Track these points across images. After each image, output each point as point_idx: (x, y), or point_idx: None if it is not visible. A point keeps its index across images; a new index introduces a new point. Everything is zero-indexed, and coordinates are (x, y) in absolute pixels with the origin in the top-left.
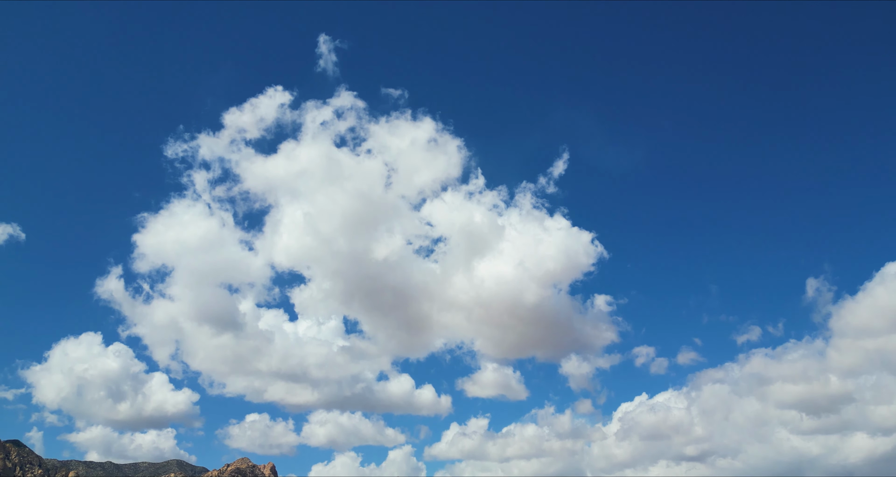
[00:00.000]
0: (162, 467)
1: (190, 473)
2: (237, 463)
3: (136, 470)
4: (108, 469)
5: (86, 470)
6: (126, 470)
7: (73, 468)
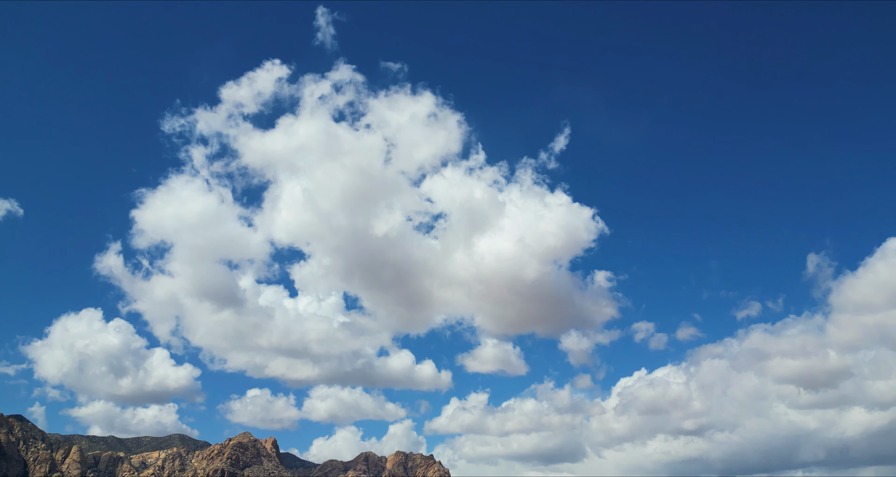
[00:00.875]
0: (164, 442)
1: (192, 447)
2: (239, 437)
3: (139, 444)
4: (110, 443)
5: (88, 444)
6: (129, 444)
7: (75, 443)
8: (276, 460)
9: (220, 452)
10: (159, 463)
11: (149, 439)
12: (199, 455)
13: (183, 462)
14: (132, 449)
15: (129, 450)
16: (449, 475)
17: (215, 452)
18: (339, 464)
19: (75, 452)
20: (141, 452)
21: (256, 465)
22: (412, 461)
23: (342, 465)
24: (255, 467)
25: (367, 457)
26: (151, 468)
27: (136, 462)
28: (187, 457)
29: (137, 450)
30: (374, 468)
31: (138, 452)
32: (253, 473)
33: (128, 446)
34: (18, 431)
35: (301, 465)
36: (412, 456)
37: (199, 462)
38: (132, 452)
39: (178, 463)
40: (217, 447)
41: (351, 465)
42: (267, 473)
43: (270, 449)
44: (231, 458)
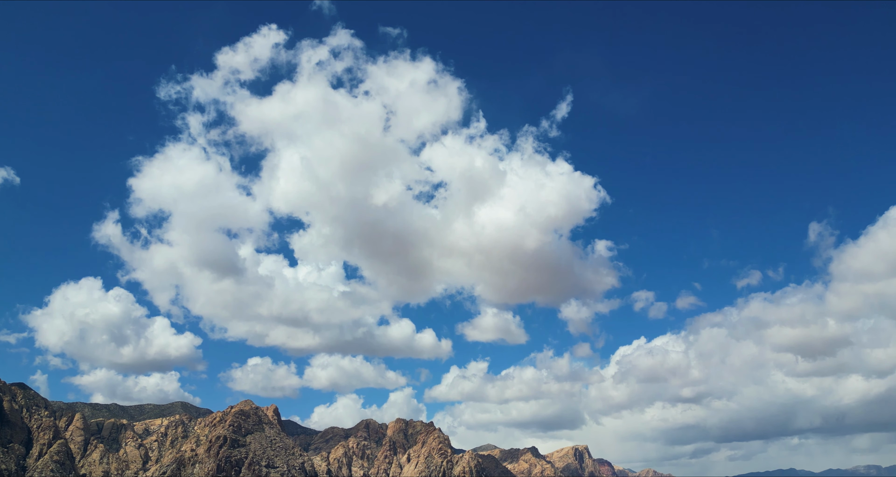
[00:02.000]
0: (167, 409)
1: (194, 414)
2: (241, 405)
3: (142, 412)
4: (113, 411)
5: (91, 412)
6: (131, 412)
7: (78, 410)
8: (278, 428)
9: (222, 420)
10: (162, 430)
11: (151, 407)
12: (202, 422)
13: (185, 429)
14: (135, 416)
15: (132, 417)
16: (449, 442)
17: (217, 420)
18: (340, 431)
19: (78, 419)
20: (144, 420)
21: (258, 432)
22: (412, 428)
23: (343, 432)
24: (257, 435)
25: (367, 424)
26: (154, 435)
27: (140, 429)
28: (190, 424)
29: (140, 417)
30: (375, 435)
31: (141, 419)
32: (255, 440)
33: (130, 414)
34: (21, 399)
35: (303, 432)
36: (412, 423)
37: (201, 429)
38: (135, 420)
39: (180, 430)
40: (219, 415)
41: (352, 432)
42: (269, 440)
43: (272, 416)
44: (233, 425)
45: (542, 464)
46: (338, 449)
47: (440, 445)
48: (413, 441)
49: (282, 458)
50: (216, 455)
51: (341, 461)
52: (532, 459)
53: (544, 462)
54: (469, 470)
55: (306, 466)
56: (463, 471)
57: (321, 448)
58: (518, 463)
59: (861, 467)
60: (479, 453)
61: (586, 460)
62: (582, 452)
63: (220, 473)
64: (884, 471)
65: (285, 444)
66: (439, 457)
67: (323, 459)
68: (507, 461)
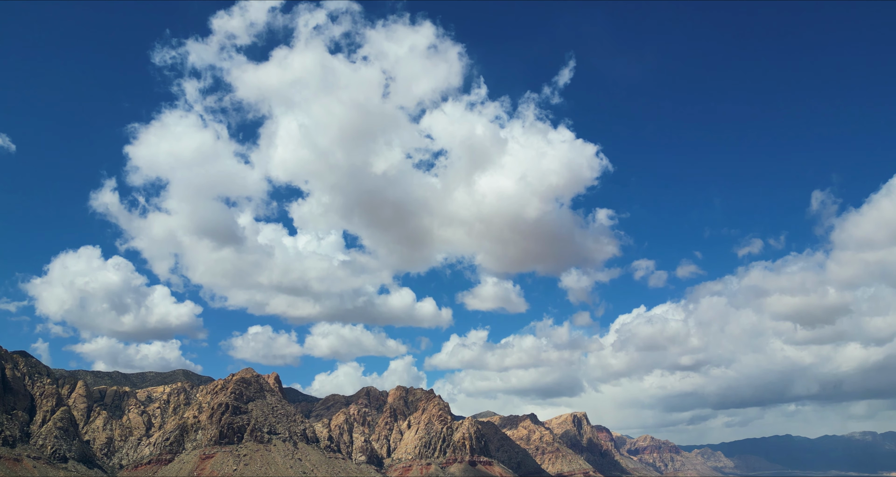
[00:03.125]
0: (169, 377)
1: (196, 382)
2: (242, 373)
3: (144, 379)
4: (115, 378)
5: (94, 379)
6: (133, 379)
7: (80, 378)
8: (279, 395)
9: (223, 387)
10: (164, 397)
11: (153, 374)
12: (204, 390)
13: (188, 396)
14: (137, 384)
15: (134, 385)
16: (449, 409)
17: (219, 387)
18: (341, 398)
19: (81, 386)
20: (146, 387)
21: (260, 399)
22: (413, 395)
23: (344, 399)
24: (259, 402)
25: (368, 391)
26: (157, 402)
27: (142, 396)
28: (192, 392)
29: (142, 385)
30: (376, 402)
31: (143, 386)
32: (257, 407)
33: (132, 381)
34: (23, 367)
35: (304, 399)
36: (413, 390)
37: (203, 396)
38: (137, 387)
39: (182, 397)
40: (221, 382)
41: (353, 399)
42: (270, 407)
43: (273, 384)
44: (235, 392)
45: (541, 430)
46: (339, 416)
47: (440, 412)
48: (413, 408)
49: (283, 424)
50: (218, 422)
51: (342, 428)
52: (531, 426)
53: (543, 428)
54: (469, 436)
55: (308, 432)
56: (462, 437)
57: (322, 415)
58: (517, 429)
59: (857, 434)
60: (478, 420)
61: (585, 427)
62: (580, 419)
63: (223, 439)
64: (879, 437)
65: (287, 411)
66: (439, 423)
67: (324, 425)
68: (507, 428)
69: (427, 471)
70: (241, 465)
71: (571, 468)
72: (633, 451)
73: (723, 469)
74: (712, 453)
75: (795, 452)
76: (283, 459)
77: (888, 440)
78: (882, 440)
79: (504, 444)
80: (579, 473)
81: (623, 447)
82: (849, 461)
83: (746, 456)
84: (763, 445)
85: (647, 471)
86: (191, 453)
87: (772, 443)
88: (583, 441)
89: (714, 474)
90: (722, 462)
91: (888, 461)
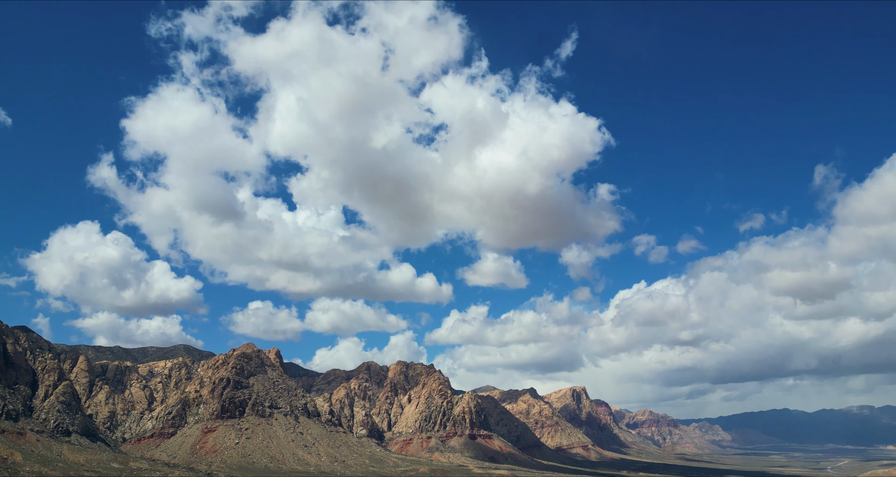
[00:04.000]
0: (170, 352)
1: (197, 357)
2: (243, 348)
3: (145, 354)
4: (116, 353)
5: (95, 354)
6: (135, 354)
7: (82, 353)
8: (280, 370)
9: (224, 362)
10: (166, 372)
11: (154, 350)
12: (205, 364)
13: (189, 371)
14: (138, 359)
15: (136, 360)
16: (449, 383)
17: (220, 362)
18: (341, 373)
19: (83, 361)
20: (147, 362)
21: (261, 374)
22: (413, 370)
23: (345, 374)
24: (260, 377)
25: (368, 366)
26: (158, 377)
27: (144, 371)
28: (193, 366)
29: (143, 360)
30: (376, 377)
31: (144, 361)
32: (258, 381)
33: (134, 356)
34: (24, 342)
35: (304, 374)
36: (413, 365)
37: (204, 371)
38: (138, 362)
39: (184, 372)
40: (222, 357)
41: (353, 374)
42: (271, 381)
43: (274, 359)
44: (236, 367)
45: (541, 404)
46: (340, 390)
47: (440, 387)
48: (414, 383)
49: (284, 399)
50: (220, 396)
51: (343, 402)
52: (530, 400)
53: (542, 403)
54: (469, 410)
55: (309, 406)
56: (462, 411)
57: (323, 390)
58: (517, 404)
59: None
60: (478, 394)
61: (584, 401)
62: (580, 393)
63: (224, 413)
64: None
65: (288, 385)
66: (440, 398)
67: (325, 400)
68: (506, 402)
69: (427, 444)
70: (243, 438)
71: (570, 442)
72: (632, 425)
73: (720, 442)
74: (710, 427)
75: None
76: (285, 433)
77: (885, 414)
78: (879, 414)
79: (504, 418)
80: (578, 446)
81: (622, 421)
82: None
83: (744, 430)
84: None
85: (645, 444)
86: (193, 427)
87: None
88: (582, 415)
89: (712, 448)
90: (720, 436)
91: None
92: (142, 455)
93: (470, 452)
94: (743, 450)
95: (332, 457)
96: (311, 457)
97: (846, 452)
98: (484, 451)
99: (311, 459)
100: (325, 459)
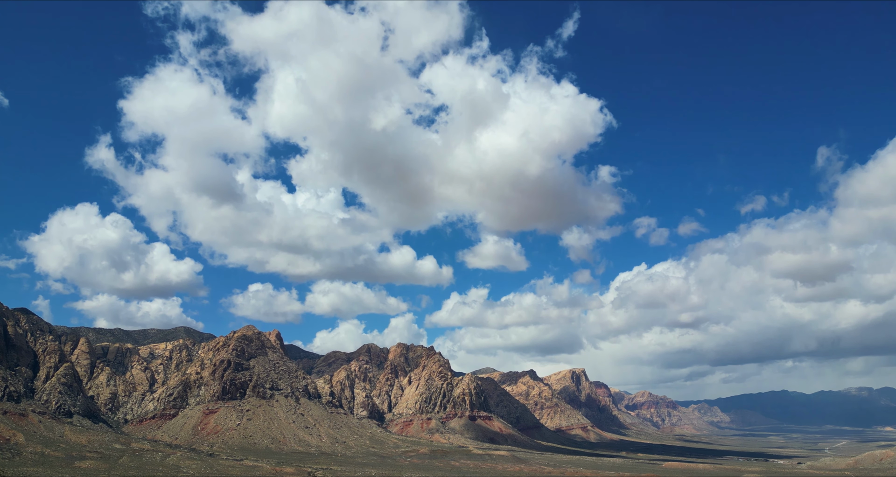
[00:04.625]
0: (170, 334)
1: (198, 339)
2: (243, 330)
3: (146, 336)
4: (117, 335)
5: (96, 336)
6: (135, 336)
7: (82, 335)
8: (281, 352)
9: (225, 344)
10: (167, 354)
11: (155, 331)
12: (205, 347)
13: (190, 353)
14: (139, 341)
15: (136, 341)
16: (449, 365)
17: (221, 344)
18: (342, 355)
19: (83, 343)
20: (148, 344)
21: (261, 356)
22: (413, 352)
23: (345, 356)
24: (261, 358)
25: (369, 348)
26: (159, 359)
27: (144, 353)
28: (193, 348)
29: (144, 342)
30: (377, 359)
31: (145, 343)
32: (258, 363)
33: (134, 338)
34: (25, 324)
35: (305, 356)
36: (413, 347)
37: (205, 353)
38: (139, 344)
39: (184, 354)
40: (222, 339)
41: (354, 356)
42: (272, 363)
43: (275, 341)
44: (236, 349)
45: (540, 386)
46: (340, 372)
47: (440, 369)
48: (414, 365)
49: (285, 380)
50: (221, 378)
51: (343, 384)
52: (530, 382)
53: (542, 384)
54: (469, 392)
55: (309, 388)
56: (462, 393)
57: (324, 371)
58: (516, 385)
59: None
60: (478, 376)
61: (583, 383)
62: (579, 375)
63: (226, 394)
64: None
65: (288, 367)
66: (440, 380)
67: (326, 381)
68: (506, 384)
69: (428, 426)
70: (244, 419)
71: (570, 423)
72: (631, 406)
73: (719, 424)
74: (709, 408)
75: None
76: (286, 414)
77: (884, 396)
78: (878, 396)
79: (503, 399)
80: (577, 427)
81: (621, 403)
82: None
83: (743, 411)
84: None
85: (644, 426)
86: (194, 408)
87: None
88: (581, 397)
89: (710, 429)
90: (718, 417)
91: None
92: (144, 436)
93: (470, 433)
94: (741, 431)
95: (332, 438)
96: (311, 438)
97: (844, 433)
98: (484, 432)
99: (312, 440)
100: (325, 440)
